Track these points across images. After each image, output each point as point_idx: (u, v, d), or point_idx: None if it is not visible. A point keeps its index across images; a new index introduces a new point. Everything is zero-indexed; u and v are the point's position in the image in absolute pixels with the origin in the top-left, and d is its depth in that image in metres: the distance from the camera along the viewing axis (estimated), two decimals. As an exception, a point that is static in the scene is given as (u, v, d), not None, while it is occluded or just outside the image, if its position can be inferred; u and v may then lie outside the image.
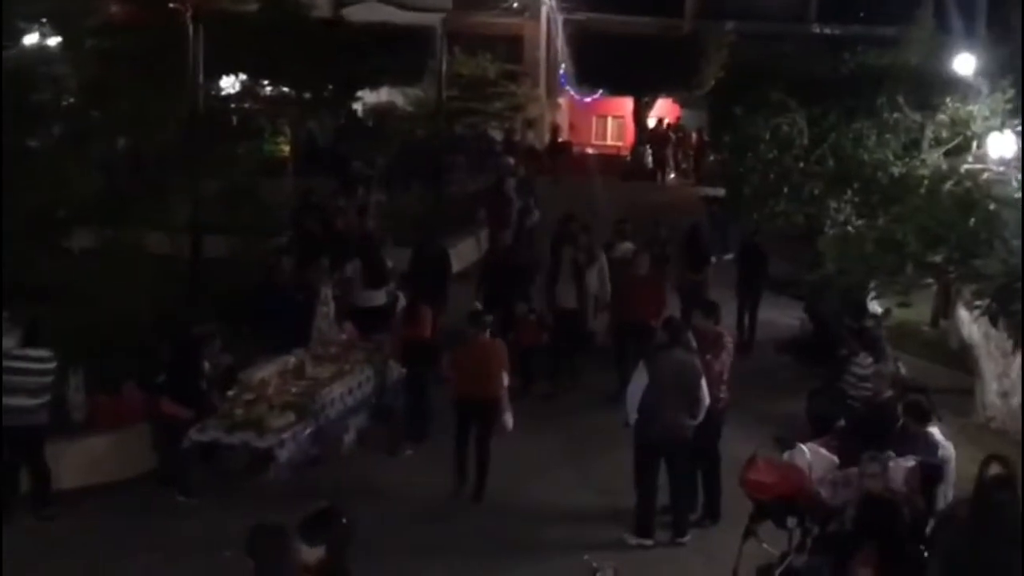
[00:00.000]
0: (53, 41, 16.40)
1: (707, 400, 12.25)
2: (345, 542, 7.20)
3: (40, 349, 12.46)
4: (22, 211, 13.70)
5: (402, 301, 17.30)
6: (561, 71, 41.51)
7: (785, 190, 20.47)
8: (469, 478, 13.54)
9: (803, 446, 11.62)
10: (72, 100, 15.46)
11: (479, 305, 16.67)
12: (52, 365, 12.51)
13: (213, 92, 21.74)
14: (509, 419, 13.53)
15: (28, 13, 15.24)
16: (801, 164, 20.50)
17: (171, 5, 24.02)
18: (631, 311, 16.71)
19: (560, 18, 40.62)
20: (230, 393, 13.70)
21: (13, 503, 12.50)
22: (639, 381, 12.22)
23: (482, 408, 13.43)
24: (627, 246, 18.82)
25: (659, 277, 17.92)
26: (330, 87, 29.03)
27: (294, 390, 14.07)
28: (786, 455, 11.70)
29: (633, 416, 12.39)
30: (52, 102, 15.04)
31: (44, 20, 15.79)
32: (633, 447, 12.59)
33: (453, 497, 13.46)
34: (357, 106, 35.29)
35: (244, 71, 26.60)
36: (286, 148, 29.28)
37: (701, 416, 12.30)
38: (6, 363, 12.33)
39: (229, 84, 26.49)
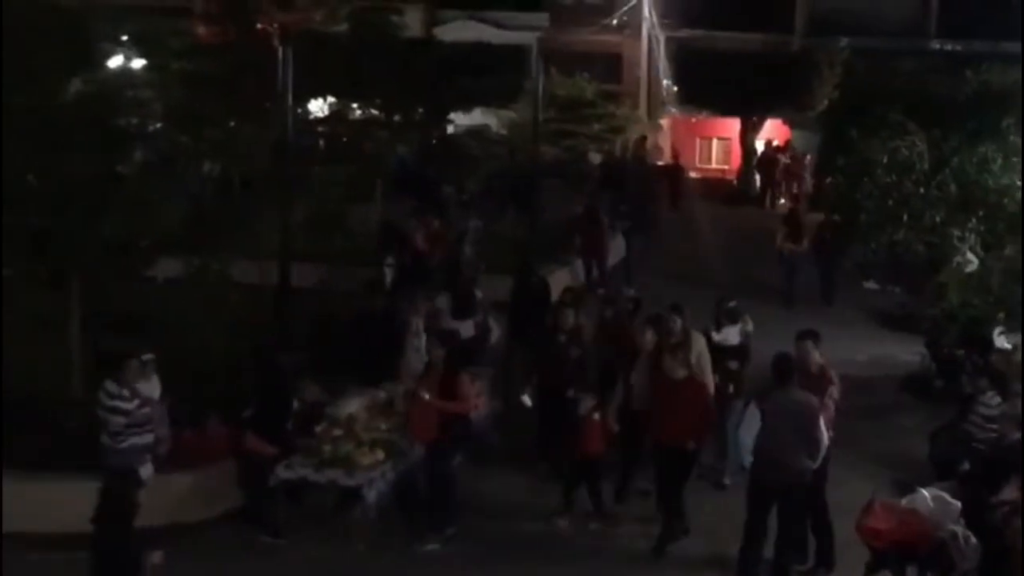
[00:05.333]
0: (138, 64, 16.73)
1: (826, 440, 12.10)
2: None
3: (123, 386, 12.63)
4: (106, 240, 13.96)
5: (496, 332, 17.44)
6: (663, 91, 41.44)
7: (904, 217, 20.21)
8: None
9: (924, 491, 11.48)
10: (158, 125, 15.72)
11: None
12: (131, 405, 12.64)
13: (302, 115, 22.02)
14: None
15: (112, 35, 15.56)
16: (921, 190, 20.24)
17: (259, 26, 24.59)
18: (664, 428, 13.35)
19: (662, 36, 40.56)
20: (318, 428, 13.83)
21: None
22: (752, 422, 12.16)
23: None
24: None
25: (694, 380, 13.66)
26: (421, 110, 29.31)
27: (383, 426, 14.16)
28: (906, 500, 11.56)
29: (748, 459, 12.33)
30: (138, 127, 15.30)
31: (129, 42, 16.12)
32: (746, 491, 12.50)
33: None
34: (449, 129, 35.55)
35: (333, 93, 26.93)
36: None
37: (820, 458, 12.16)
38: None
39: (318, 107, 26.84)
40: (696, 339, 14.39)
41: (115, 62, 16.35)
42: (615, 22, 40.23)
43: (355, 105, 27.07)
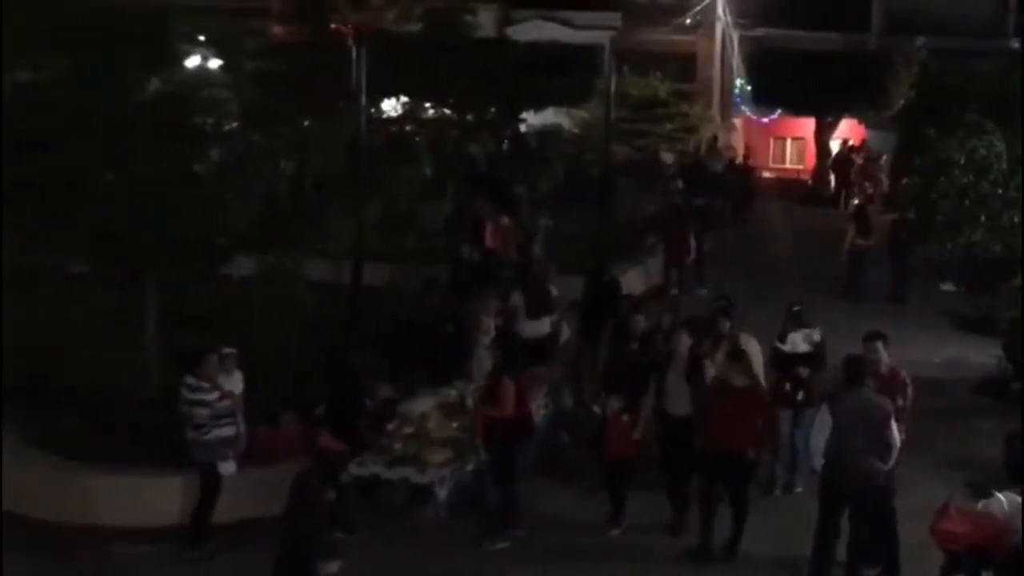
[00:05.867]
0: (214, 64, 16.92)
1: (898, 443, 12.03)
2: None
3: (202, 379, 12.86)
4: (182, 238, 14.15)
5: (566, 332, 17.47)
6: (736, 90, 41.29)
7: (982, 218, 20.02)
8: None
9: (1000, 495, 11.36)
10: (233, 124, 15.88)
11: None
12: (212, 396, 12.88)
13: (375, 115, 22.15)
14: None
15: (188, 35, 15.77)
16: (999, 190, 20.05)
17: (333, 26, 24.80)
18: (719, 435, 12.93)
19: (736, 35, 40.40)
20: (390, 427, 13.93)
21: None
22: (823, 424, 12.09)
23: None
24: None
25: (757, 388, 13.39)
26: (493, 109, 29.43)
27: (455, 425, 14.24)
28: (981, 504, 11.45)
29: (819, 462, 12.25)
30: (213, 126, 15.49)
31: (205, 42, 16.31)
32: (818, 494, 12.43)
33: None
34: (522, 128, 35.61)
35: (406, 93, 27.10)
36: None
37: (892, 461, 12.09)
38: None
39: (391, 107, 27.00)
40: (748, 342, 14.06)
41: (192, 62, 16.53)
42: (688, 21, 40.07)
43: (428, 105, 27.22)
